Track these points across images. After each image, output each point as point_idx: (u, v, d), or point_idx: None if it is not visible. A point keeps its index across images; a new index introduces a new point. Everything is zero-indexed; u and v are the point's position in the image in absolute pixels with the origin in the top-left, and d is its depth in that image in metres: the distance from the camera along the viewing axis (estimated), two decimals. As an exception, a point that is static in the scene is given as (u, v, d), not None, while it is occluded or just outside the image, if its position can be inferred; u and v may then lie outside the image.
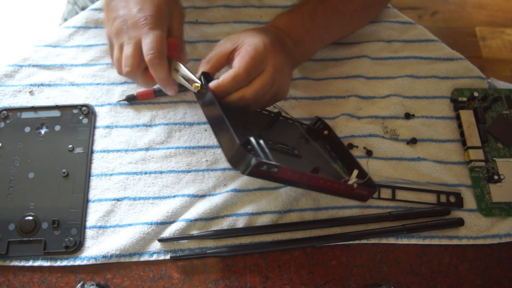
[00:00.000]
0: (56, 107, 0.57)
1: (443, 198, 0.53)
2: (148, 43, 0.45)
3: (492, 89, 0.61)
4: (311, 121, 0.57)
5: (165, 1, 0.48)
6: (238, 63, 0.45)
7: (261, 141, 0.41)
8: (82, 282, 0.47)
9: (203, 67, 0.47)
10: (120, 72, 0.48)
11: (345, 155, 0.53)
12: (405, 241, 0.52)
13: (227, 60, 0.47)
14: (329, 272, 0.51)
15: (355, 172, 0.47)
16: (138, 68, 0.46)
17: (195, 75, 0.46)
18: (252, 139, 0.40)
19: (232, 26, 0.64)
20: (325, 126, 0.56)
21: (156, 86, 0.54)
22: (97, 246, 0.50)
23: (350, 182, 0.45)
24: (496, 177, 0.54)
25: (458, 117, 0.58)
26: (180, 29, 0.50)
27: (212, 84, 0.45)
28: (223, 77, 0.44)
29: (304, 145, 0.53)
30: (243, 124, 0.48)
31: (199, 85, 0.45)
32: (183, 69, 0.47)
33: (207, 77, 0.46)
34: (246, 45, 0.46)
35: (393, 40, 0.64)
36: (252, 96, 0.45)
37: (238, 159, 0.38)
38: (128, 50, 0.46)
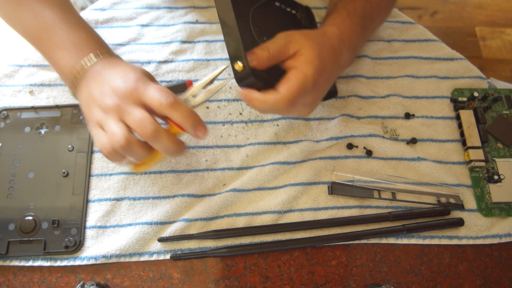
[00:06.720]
0: (56, 107, 0.57)
1: (443, 201, 0.53)
2: (154, 94, 0.41)
3: (492, 89, 0.61)
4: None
5: (145, 72, 0.45)
6: (285, 90, 0.42)
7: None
8: (82, 282, 0.47)
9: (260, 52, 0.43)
10: (124, 145, 0.40)
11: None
12: (405, 241, 0.52)
13: (282, 59, 0.44)
14: (329, 272, 0.51)
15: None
16: (159, 125, 0.41)
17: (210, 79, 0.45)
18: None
19: (232, 26, 0.64)
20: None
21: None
22: (97, 246, 0.50)
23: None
24: (496, 177, 0.54)
25: (458, 117, 0.58)
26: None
27: (248, 95, 0.43)
28: (266, 97, 0.42)
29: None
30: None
31: (241, 65, 0.41)
32: (201, 81, 0.45)
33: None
34: (298, 70, 0.42)
35: (393, 40, 0.64)
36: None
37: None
38: (137, 114, 0.40)
